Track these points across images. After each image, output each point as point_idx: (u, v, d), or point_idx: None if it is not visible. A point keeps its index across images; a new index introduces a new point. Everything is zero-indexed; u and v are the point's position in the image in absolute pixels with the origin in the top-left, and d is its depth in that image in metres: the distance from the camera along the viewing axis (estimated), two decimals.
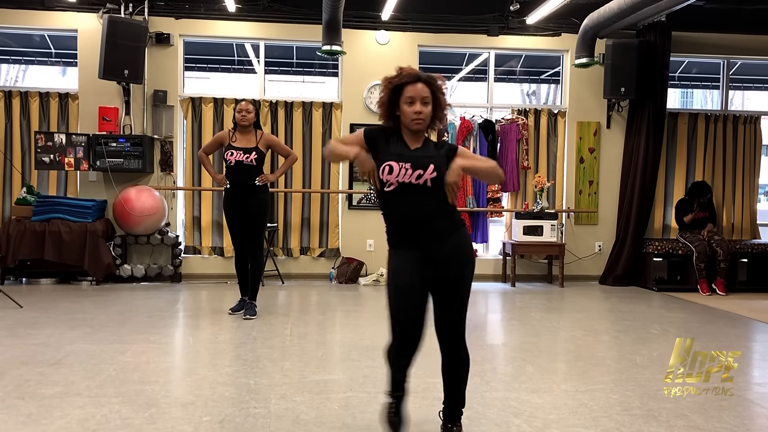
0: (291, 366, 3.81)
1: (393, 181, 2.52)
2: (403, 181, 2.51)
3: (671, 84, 7.98)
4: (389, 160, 2.52)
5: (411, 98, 2.50)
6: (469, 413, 2.98)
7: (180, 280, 7.13)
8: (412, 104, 2.50)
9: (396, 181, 2.52)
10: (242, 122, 5.09)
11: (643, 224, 7.61)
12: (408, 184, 2.51)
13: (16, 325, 4.75)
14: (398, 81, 2.51)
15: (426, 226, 2.56)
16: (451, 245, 2.58)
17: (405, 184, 2.51)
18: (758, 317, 5.72)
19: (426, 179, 2.50)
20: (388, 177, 2.52)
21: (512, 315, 5.80)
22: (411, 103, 2.50)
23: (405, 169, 2.50)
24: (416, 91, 2.50)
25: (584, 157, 7.83)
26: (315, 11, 6.87)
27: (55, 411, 2.96)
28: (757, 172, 8.14)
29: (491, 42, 7.71)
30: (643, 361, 4.08)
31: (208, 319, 5.22)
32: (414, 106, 2.50)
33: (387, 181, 2.53)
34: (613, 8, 6.49)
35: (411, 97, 2.50)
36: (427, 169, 2.50)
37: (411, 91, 2.50)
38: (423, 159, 2.52)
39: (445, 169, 2.54)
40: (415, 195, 2.53)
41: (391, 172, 2.52)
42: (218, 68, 9.66)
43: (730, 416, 3.07)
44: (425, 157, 2.53)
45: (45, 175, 7.21)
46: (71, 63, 7.80)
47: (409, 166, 2.50)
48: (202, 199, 7.36)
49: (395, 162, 2.51)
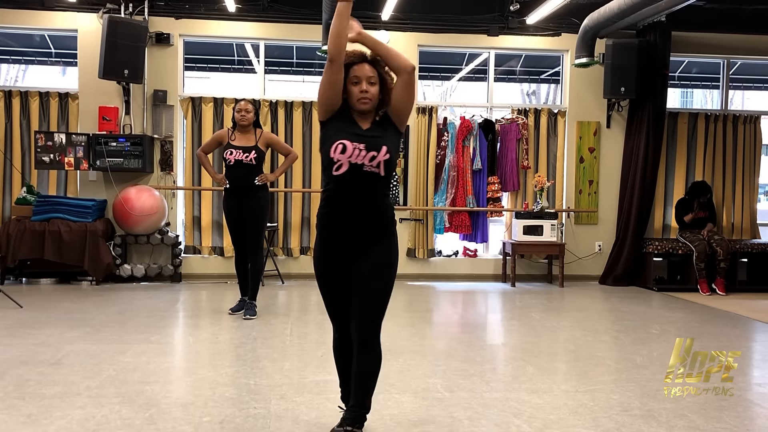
0: (291, 366, 3.81)
1: (344, 161, 2.45)
2: (356, 163, 2.44)
3: (671, 84, 7.98)
4: (342, 138, 2.46)
5: (357, 78, 2.48)
6: (469, 413, 2.98)
7: (180, 280, 7.13)
8: (358, 84, 2.48)
9: (348, 161, 2.45)
10: (241, 122, 5.08)
11: (643, 224, 7.61)
12: (360, 167, 2.45)
13: (16, 325, 4.75)
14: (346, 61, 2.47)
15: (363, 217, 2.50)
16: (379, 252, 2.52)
17: (357, 165, 2.45)
18: (758, 317, 5.72)
19: (380, 161, 2.45)
20: (340, 156, 2.44)
21: (512, 315, 5.80)
22: (356, 83, 2.48)
23: (359, 149, 2.44)
24: (362, 71, 2.48)
25: (584, 156, 7.83)
26: (315, 11, 6.87)
27: (55, 411, 2.96)
28: (757, 172, 8.13)
29: (491, 42, 7.71)
30: (643, 361, 4.08)
31: (208, 319, 5.22)
32: (360, 86, 2.47)
33: (337, 161, 2.45)
34: (613, 8, 6.49)
35: (357, 77, 2.48)
36: (380, 151, 2.46)
37: (357, 71, 2.48)
38: (377, 139, 2.47)
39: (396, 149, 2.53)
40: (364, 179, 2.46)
41: (343, 152, 2.44)
42: (218, 68, 9.66)
43: (730, 416, 3.07)
44: (378, 137, 2.48)
45: (45, 174, 7.21)
46: (71, 63, 7.80)
47: (363, 146, 2.45)
48: (202, 198, 7.36)
49: (348, 140, 2.45)
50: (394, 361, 3.93)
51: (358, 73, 2.48)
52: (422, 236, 7.60)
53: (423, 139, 7.55)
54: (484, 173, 7.66)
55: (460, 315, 5.96)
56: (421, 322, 5.39)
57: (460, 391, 3.39)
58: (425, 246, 7.60)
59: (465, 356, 4.17)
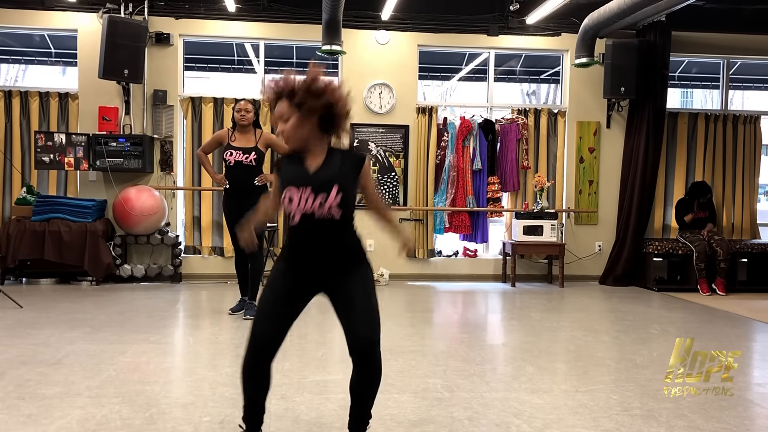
0: (291, 366, 3.81)
1: (295, 211, 2.22)
2: (305, 212, 2.21)
3: (671, 84, 7.98)
4: (289, 186, 2.23)
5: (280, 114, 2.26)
6: (469, 413, 2.98)
7: (180, 280, 7.13)
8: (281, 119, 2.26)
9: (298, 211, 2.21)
10: (241, 122, 5.08)
11: (643, 224, 7.61)
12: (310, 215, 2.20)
13: (16, 325, 4.75)
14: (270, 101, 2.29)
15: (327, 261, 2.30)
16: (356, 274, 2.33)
17: (307, 215, 2.21)
18: (758, 317, 5.72)
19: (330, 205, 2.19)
20: (289, 207, 2.22)
21: (512, 315, 5.80)
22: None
23: (305, 195, 2.19)
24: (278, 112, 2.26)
25: (584, 156, 7.83)
26: (315, 11, 6.87)
27: (55, 411, 2.96)
28: (757, 172, 8.14)
29: (491, 42, 7.71)
30: (643, 361, 4.08)
31: (208, 319, 5.22)
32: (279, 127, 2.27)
33: (290, 213, 2.24)
34: (613, 8, 6.49)
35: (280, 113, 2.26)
36: (330, 192, 2.19)
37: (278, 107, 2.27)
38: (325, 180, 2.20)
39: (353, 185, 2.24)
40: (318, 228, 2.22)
41: (291, 202, 2.22)
42: (218, 68, 9.66)
43: (730, 416, 3.07)
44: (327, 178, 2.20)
45: (45, 174, 7.21)
46: (71, 63, 7.80)
47: (310, 190, 2.19)
48: (202, 199, 7.36)
49: (295, 187, 2.21)
50: (394, 361, 3.93)
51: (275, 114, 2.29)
52: (422, 236, 7.60)
53: (423, 139, 7.55)
54: (484, 173, 7.66)
55: (460, 315, 5.95)
56: (421, 322, 5.39)
57: (460, 391, 3.39)
58: (425, 246, 7.60)
59: (465, 356, 4.17)
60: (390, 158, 7.57)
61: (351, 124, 7.50)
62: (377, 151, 7.56)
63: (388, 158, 7.57)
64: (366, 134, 7.54)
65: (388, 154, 7.57)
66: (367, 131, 7.54)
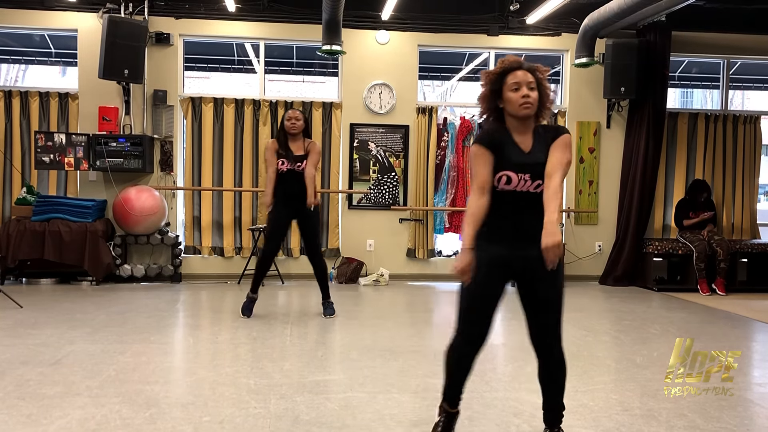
0: (291, 366, 3.81)
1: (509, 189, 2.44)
2: (521, 191, 2.43)
3: (671, 84, 7.99)
4: (507, 170, 2.43)
5: (516, 84, 2.41)
6: (469, 413, 2.98)
7: (180, 280, 7.13)
8: (518, 90, 2.41)
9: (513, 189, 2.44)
10: (292, 130, 5.09)
11: (643, 224, 7.61)
12: (524, 193, 2.44)
13: (16, 325, 4.75)
14: (500, 69, 2.45)
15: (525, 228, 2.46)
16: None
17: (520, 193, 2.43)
18: (758, 317, 5.72)
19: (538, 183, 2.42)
20: (505, 186, 2.44)
21: (512, 315, 5.76)
22: (517, 89, 2.41)
23: (524, 180, 2.42)
24: (519, 77, 2.42)
25: (584, 157, 7.83)
26: (315, 11, 6.86)
27: (55, 411, 2.96)
28: (757, 172, 8.13)
29: (491, 42, 7.71)
30: (643, 361, 4.08)
31: (208, 319, 5.22)
32: (521, 91, 2.41)
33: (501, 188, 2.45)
34: (613, 8, 6.49)
35: (516, 83, 2.41)
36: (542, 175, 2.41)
37: (514, 78, 2.42)
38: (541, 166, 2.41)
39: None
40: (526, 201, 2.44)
41: (509, 183, 2.43)
42: (218, 68, 9.67)
43: (730, 416, 3.07)
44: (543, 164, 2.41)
45: (45, 175, 7.21)
46: (71, 63, 7.81)
47: (529, 177, 2.42)
48: (202, 199, 7.36)
49: (513, 173, 2.42)
50: (394, 361, 3.93)
51: (517, 80, 2.42)
52: (422, 236, 7.60)
53: (423, 139, 7.54)
54: None
55: None
56: (421, 322, 5.39)
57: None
58: (425, 246, 7.60)
59: None
60: (390, 158, 7.57)
61: (350, 124, 7.51)
62: (377, 151, 7.56)
63: (388, 158, 7.57)
64: (366, 134, 7.54)
65: (388, 154, 7.57)
66: (367, 131, 7.54)
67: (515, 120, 2.47)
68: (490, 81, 2.47)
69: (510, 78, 2.42)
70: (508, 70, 2.44)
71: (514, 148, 2.46)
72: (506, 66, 2.45)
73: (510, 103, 2.43)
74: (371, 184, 7.56)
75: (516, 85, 2.41)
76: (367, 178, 7.56)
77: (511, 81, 2.42)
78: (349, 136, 7.51)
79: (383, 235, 7.57)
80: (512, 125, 2.48)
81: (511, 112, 2.45)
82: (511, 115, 2.46)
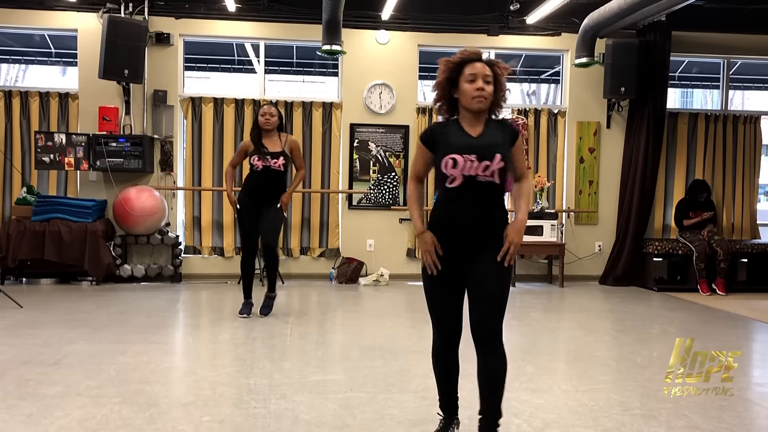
0: (291, 366, 3.81)
1: (457, 175, 2.38)
2: (469, 174, 2.38)
3: (671, 84, 7.98)
4: (452, 153, 2.38)
5: (472, 76, 2.39)
6: (469, 413, 2.98)
7: (180, 280, 7.13)
8: (473, 82, 2.39)
9: (461, 174, 2.38)
10: (266, 126, 4.98)
11: (643, 224, 7.61)
12: (473, 178, 2.38)
13: (16, 325, 4.75)
14: (459, 59, 2.42)
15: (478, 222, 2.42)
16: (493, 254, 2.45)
17: (470, 177, 2.38)
18: (758, 317, 5.71)
19: (494, 170, 2.37)
20: (452, 171, 2.38)
21: (512, 315, 5.79)
22: (472, 81, 2.39)
23: (470, 161, 2.36)
24: (477, 69, 2.39)
25: (584, 157, 7.83)
26: (315, 11, 6.86)
27: (56, 411, 2.96)
28: (757, 172, 8.13)
29: (491, 42, 7.71)
30: (643, 361, 4.08)
31: (208, 319, 5.22)
32: (475, 83, 2.38)
33: (450, 176, 2.39)
34: (613, 8, 6.49)
35: (472, 75, 2.39)
36: (494, 160, 2.37)
37: (472, 69, 2.40)
38: (489, 148, 2.38)
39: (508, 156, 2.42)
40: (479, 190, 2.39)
41: (455, 166, 2.37)
42: (218, 68, 9.67)
43: (730, 416, 3.07)
44: (491, 146, 2.39)
45: (45, 175, 7.21)
46: (71, 63, 7.81)
47: (475, 157, 2.36)
48: (202, 199, 7.36)
49: (458, 155, 2.37)
50: (394, 361, 3.93)
51: (473, 71, 2.40)
52: None
53: None
54: None
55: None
56: (421, 322, 5.38)
57: (460, 390, 3.36)
58: None
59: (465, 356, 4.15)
60: (390, 158, 7.57)
61: (350, 124, 7.51)
62: (377, 151, 7.56)
63: (388, 158, 7.57)
64: (366, 134, 7.54)
65: (388, 154, 7.57)
66: (367, 131, 7.54)
67: (468, 112, 2.45)
68: (448, 69, 2.44)
69: (468, 69, 2.40)
70: (467, 60, 2.41)
71: (461, 133, 2.44)
72: (465, 56, 2.42)
73: (464, 95, 2.42)
74: (371, 184, 7.56)
75: (472, 76, 2.39)
76: (367, 178, 7.56)
77: (468, 72, 2.40)
78: (349, 136, 7.51)
79: (383, 235, 7.57)
80: (464, 116, 2.47)
81: (464, 105, 2.44)
82: (464, 107, 2.45)
